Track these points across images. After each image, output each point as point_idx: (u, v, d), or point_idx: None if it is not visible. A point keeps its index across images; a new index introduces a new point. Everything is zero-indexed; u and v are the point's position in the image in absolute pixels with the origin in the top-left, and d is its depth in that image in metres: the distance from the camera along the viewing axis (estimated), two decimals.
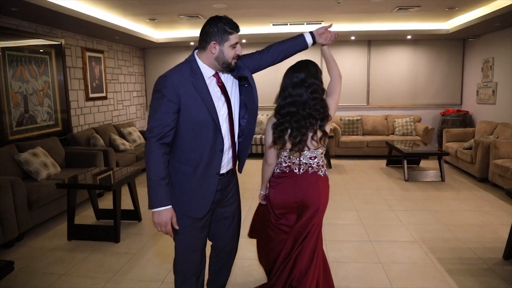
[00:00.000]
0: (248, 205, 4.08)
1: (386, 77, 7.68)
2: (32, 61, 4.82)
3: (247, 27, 6.58)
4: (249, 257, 3.01)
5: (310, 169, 2.01)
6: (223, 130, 1.76)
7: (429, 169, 6.08)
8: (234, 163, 1.95)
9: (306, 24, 6.38)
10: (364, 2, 4.91)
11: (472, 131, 6.37)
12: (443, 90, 7.61)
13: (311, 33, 1.99)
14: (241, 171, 2.02)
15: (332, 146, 6.93)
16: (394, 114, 7.65)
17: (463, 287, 2.59)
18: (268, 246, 2.17)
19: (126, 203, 4.13)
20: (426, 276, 2.75)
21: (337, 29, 6.47)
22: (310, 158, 2.00)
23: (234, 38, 1.70)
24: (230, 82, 1.85)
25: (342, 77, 2.13)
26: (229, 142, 1.82)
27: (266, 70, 2.04)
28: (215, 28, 1.67)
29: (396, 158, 6.34)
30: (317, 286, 2.10)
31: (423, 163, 6.48)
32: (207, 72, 1.74)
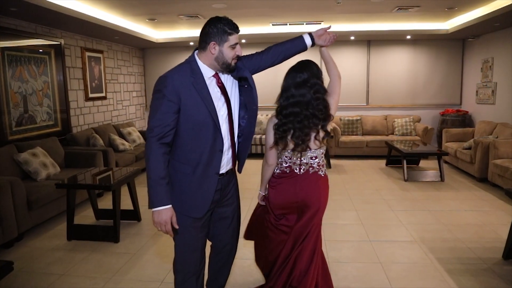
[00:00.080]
0: (247, 205, 4.09)
1: (385, 77, 7.68)
2: (31, 61, 4.81)
3: (247, 27, 6.58)
4: (248, 257, 3.01)
5: (311, 169, 2.01)
6: (223, 130, 1.77)
7: (428, 169, 6.09)
8: (234, 163, 1.95)
9: (306, 24, 6.38)
10: (363, 2, 4.91)
11: (471, 131, 6.37)
12: (443, 90, 7.62)
13: (310, 34, 1.99)
14: (240, 171, 2.03)
15: (331, 146, 6.94)
16: (394, 114, 7.65)
17: (463, 287, 2.59)
18: (267, 247, 2.15)
19: (126, 203, 4.13)
20: (426, 276, 2.75)
21: (336, 29, 6.51)
22: (311, 158, 2.00)
23: (234, 38, 1.71)
24: (230, 82, 1.85)
25: (342, 77, 2.14)
26: (228, 142, 1.83)
27: (266, 71, 2.03)
28: (215, 28, 1.68)
29: (395, 158, 6.34)
30: (316, 286, 2.10)
31: (423, 163, 6.49)
32: (207, 72, 1.75)
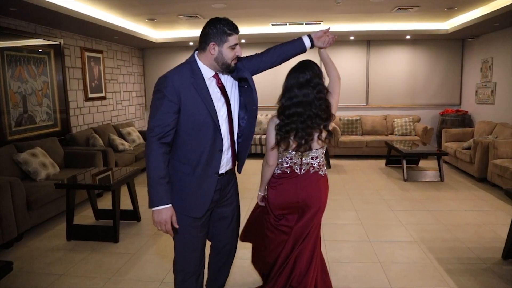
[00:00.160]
0: (247, 205, 4.08)
1: (385, 77, 7.68)
2: (31, 61, 4.81)
3: (246, 27, 6.58)
4: (248, 257, 2.99)
5: (312, 169, 2.01)
6: (223, 130, 1.78)
7: (428, 169, 6.09)
8: (234, 164, 1.95)
9: (305, 24, 6.38)
10: (363, 2, 4.91)
11: (471, 131, 6.37)
12: (442, 90, 7.62)
13: (310, 36, 2.00)
14: (240, 172, 2.03)
15: (331, 146, 6.94)
16: (393, 114, 7.65)
17: (462, 287, 2.59)
18: (266, 248, 2.14)
19: (125, 203, 4.12)
20: (425, 276, 2.75)
21: (336, 29, 6.51)
22: (312, 158, 2.00)
23: (233, 39, 1.71)
24: (230, 83, 1.86)
25: (341, 77, 2.14)
26: (228, 142, 1.84)
27: (265, 71, 2.03)
28: (214, 29, 1.68)
29: (395, 158, 6.35)
30: (315, 286, 2.10)
31: (422, 163, 6.49)
32: (207, 73, 1.76)
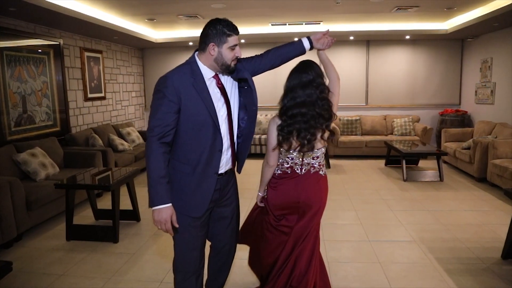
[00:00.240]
0: (247, 205, 4.08)
1: (384, 77, 7.69)
2: (30, 61, 4.81)
3: (246, 27, 6.58)
4: (248, 257, 3.01)
5: (312, 169, 2.01)
6: (222, 130, 1.79)
7: (427, 169, 6.09)
8: (234, 164, 1.96)
9: (305, 24, 6.38)
10: (362, 2, 4.91)
11: (470, 131, 6.38)
12: (442, 90, 7.62)
13: (309, 38, 2.02)
14: (240, 172, 2.04)
15: (331, 146, 6.94)
16: (393, 114, 7.66)
17: (462, 287, 2.59)
18: (265, 249, 2.13)
19: (125, 203, 4.12)
20: (425, 276, 2.75)
21: (335, 29, 6.51)
22: (313, 158, 1.99)
23: (233, 40, 1.72)
24: (229, 83, 1.87)
25: (341, 77, 2.15)
26: (228, 142, 1.85)
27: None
28: (214, 30, 1.70)
29: (395, 158, 6.35)
30: (314, 286, 2.10)
31: (422, 163, 6.49)
32: (207, 73, 1.77)
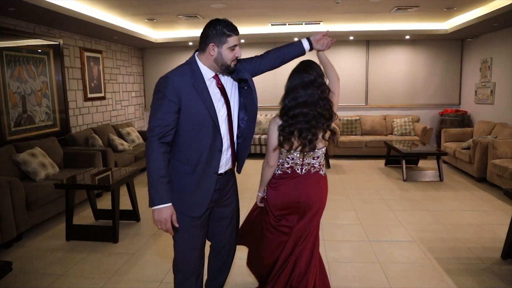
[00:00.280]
0: (247, 205, 4.07)
1: (384, 77, 7.69)
2: (30, 61, 4.81)
3: (246, 27, 6.58)
4: (246, 257, 3.00)
5: (313, 169, 2.01)
6: (222, 130, 1.79)
7: (427, 169, 6.09)
8: (234, 164, 1.96)
9: (305, 24, 6.38)
10: (362, 2, 4.91)
11: (470, 131, 6.38)
12: (442, 90, 7.62)
13: (308, 39, 2.03)
14: (239, 172, 2.04)
15: (330, 146, 6.94)
16: (393, 114, 7.66)
17: (462, 287, 2.59)
18: (265, 249, 2.12)
19: (125, 203, 4.12)
20: (425, 276, 2.76)
21: (335, 29, 6.52)
22: (313, 158, 1.99)
23: (233, 40, 1.73)
24: (229, 84, 1.87)
25: (341, 77, 2.15)
26: (228, 142, 1.85)
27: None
28: (214, 30, 1.70)
29: (394, 158, 6.35)
30: (314, 285, 2.10)
31: (422, 163, 6.49)
32: (207, 73, 1.77)
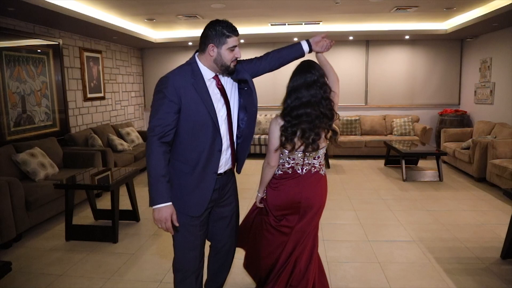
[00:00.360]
0: (246, 205, 4.07)
1: (384, 77, 7.69)
2: (29, 61, 4.80)
3: (246, 27, 6.58)
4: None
5: (313, 168, 2.01)
6: (222, 130, 1.80)
7: (427, 169, 6.09)
8: (233, 164, 1.97)
9: (304, 24, 6.38)
10: (362, 2, 4.91)
11: (470, 131, 6.38)
12: (441, 90, 7.63)
13: (308, 41, 2.04)
14: (239, 172, 2.04)
15: (330, 146, 6.94)
16: (392, 114, 7.66)
17: (461, 287, 2.60)
18: (265, 250, 2.11)
19: (124, 204, 4.12)
20: (424, 275, 2.76)
21: (335, 29, 6.52)
22: (314, 158, 1.99)
23: (232, 41, 1.73)
24: (229, 85, 1.88)
25: (340, 77, 2.15)
26: (227, 142, 1.86)
27: None
28: (214, 31, 1.71)
29: (394, 158, 6.35)
30: (313, 285, 2.10)
31: (421, 163, 6.50)
32: (207, 74, 1.78)
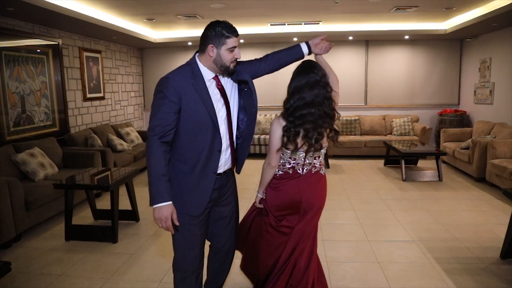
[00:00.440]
0: (246, 205, 4.07)
1: (384, 77, 7.69)
2: (29, 61, 4.80)
3: (245, 27, 6.58)
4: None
5: (314, 168, 2.01)
6: (222, 131, 1.81)
7: (426, 169, 6.10)
8: (233, 164, 1.97)
9: (304, 24, 6.39)
10: (361, 2, 4.91)
11: (469, 131, 6.38)
12: (441, 90, 7.63)
13: (307, 43, 2.05)
14: (239, 172, 2.05)
15: (330, 146, 6.94)
16: (392, 114, 7.66)
17: (460, 287, 2.60)
18: (265, 251, 2.11)
19: (124, 204, 4.12)
20: (424, 275, 2.76)
21: (334, 29, 6.53)
22: (315, 158, 1.99)
23: (232, 42, 1.74)
24: (229, 85, 1.89)
25: (340, 77, 2.16)
26: (227, 142, 1.86)
27: None
28: (213, 32, 1.72)
29: (394, 158, 6.35)
30: (312, 285, 2.10)
31: (421, 163, 6.50)
32: (207, 74, 1.79)
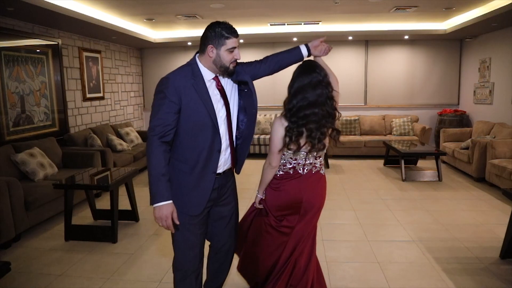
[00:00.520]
0: (246, 205, 4.07)
1: (383, 77, 7.69)
2: (28, 61, 4.80)
3: (245, 27, 6.58)
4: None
5: (314, 168, 2.01)
6: (221, 131, 1.81)
7: (426, 169, 6.10)
8: (233, 164, 1.97)
9: (304, 24, 6.39)
10: (361, 2, 4.91)
11: (469, 131, 6.39)
12: (440, 90, 7.63)
13: (307, 45, 2.06)
14: (238, 172, 2.05)
15: (329, 146, 6.93)
16: (392, 114, 7.66)
17: (460, 287, 2.60)
18: (265, 251, 2.10)
19: (124, 204, 4.12)
20: (423, 275, 2.76)
21: (334, 29, 6.53)
22: (316, 158, 2.00)
23: (231, 42, 1.75)
24: (229, 86, 1.90)
25: (340, 77, 2.16)
26: (227, 142, 1.87)
27: None
28: (213, 32, 1.73)
29: (393, 158, 6.35)
30: (311, 285, 2.10)
31: (421, 163, 6.50)
32: (207, 75, 1.80)
